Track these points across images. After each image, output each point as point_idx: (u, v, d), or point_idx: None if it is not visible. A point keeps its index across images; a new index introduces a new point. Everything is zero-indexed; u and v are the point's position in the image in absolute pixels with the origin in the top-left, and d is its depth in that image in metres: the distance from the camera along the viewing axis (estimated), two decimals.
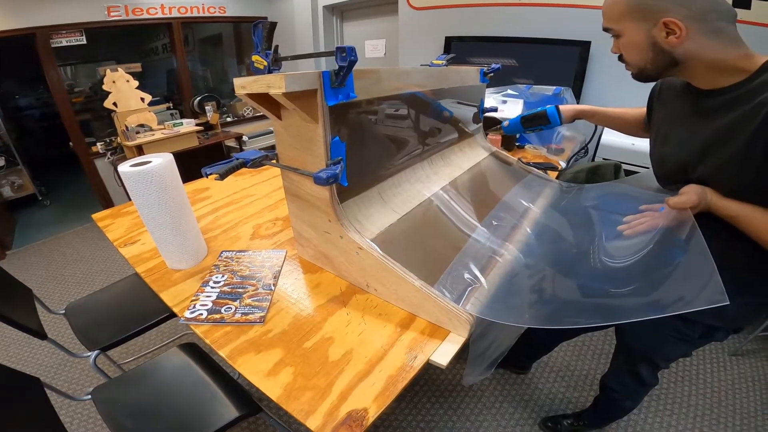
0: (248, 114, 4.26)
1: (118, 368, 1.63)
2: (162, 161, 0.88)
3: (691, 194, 0.73)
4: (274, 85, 0.61)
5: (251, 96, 0.69)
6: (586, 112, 1.22)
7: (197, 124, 3.39)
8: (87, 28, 2.97)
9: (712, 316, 0.57)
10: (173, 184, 0.91)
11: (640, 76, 0.79)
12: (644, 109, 1.06)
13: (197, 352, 1.15)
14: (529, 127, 1.28)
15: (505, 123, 1.36)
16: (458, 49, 2.86)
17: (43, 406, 0.95)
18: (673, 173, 0.83)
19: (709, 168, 0.73)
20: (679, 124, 0.82)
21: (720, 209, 0.72)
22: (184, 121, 3.35)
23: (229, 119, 4.18)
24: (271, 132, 3.88)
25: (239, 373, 0.68)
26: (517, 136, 1.88)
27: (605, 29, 0.79)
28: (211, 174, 0.70)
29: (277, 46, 0.76)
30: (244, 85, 0.66)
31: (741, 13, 2.07)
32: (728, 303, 0.55)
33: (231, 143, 3.87)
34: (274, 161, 0.82)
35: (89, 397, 1.04)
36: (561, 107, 1.24)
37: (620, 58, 0.81)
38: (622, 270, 0.81)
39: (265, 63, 0.73)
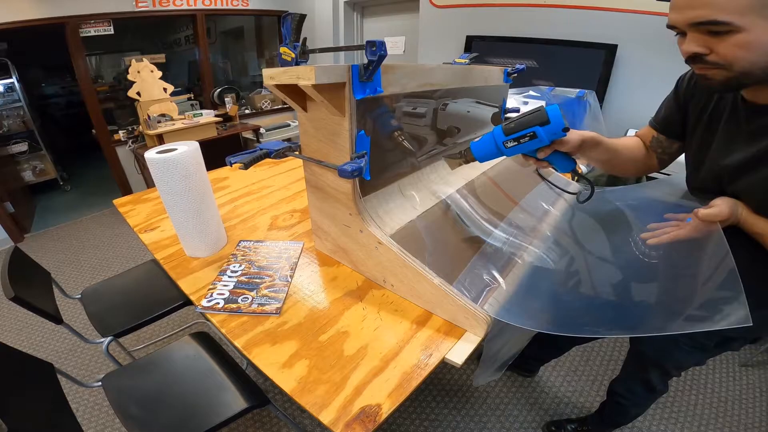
0: (266, 107, 4.29)
1: (128, 355, 1.65)
2: (188, 149, 0.89)
3: (722, 207, 0.70)
4: (304, 76, 0.61)
5: (279, 87, 0.69)
6: (593, 139, 0.88)
7: (216, 115, 3.43)
8: (115, 18, 3.02)
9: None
10: (198, 173, 0.92)
11: (735, 82, 0.64)
12: (638, 140, 0.99)
13: (208, 341, 1.15)
14: (516, 134, 0.78)
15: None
16: (479, 48, 2.84)
17: (55, 392, 0.96)
18: (708, 182, 0.80)
19: (746, 184, 0.71)
20: (723, 133, 0.77)
21: (749, 225, 0.70)
22: (204, 111, 3.39)
23: (247, 111, 4.21)
24: (288, 125, 3.94)
25: (247, 364, 0.68)
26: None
27: (705, 22, 0.60)
28: (235, 163, 0.70)
29: (305, 39, 0.76)
30: (273, 75, 0.67)
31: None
32: (751, 324, 0.53)
33: (248, 135, 3.91)
34: (297, 153, 0.82)
35: (99, 384, 1.05)
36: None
37: (696, 59, 0.65)
38: (645, 280, 0.79)
39: (293, 55, 0.73)
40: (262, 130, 3.77)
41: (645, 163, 0.99)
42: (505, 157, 1.08)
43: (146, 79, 2.97)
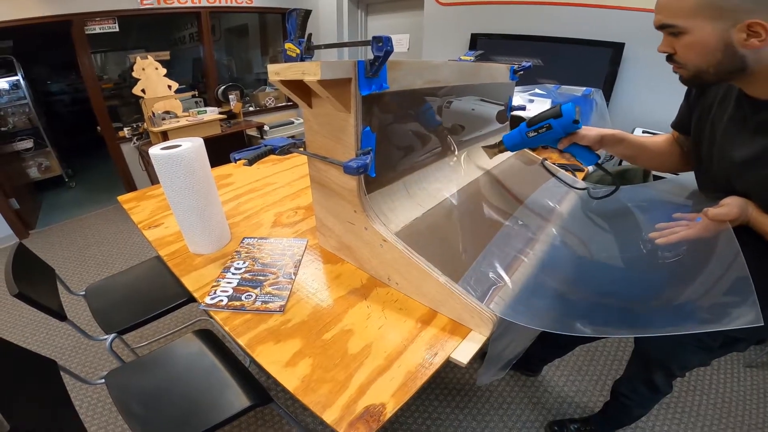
0: (270, 104, 4.29)
1: (131, 352, 1.65)
2: (192, 145, 0.88)
3: (732, 206, 0.70)
4: (309, 72, 0.60)
5: (284, 83, 0.68)
6: (614, 136, 0.98)
7: (220, 113, 3.44)
8: (120, 15, 3.03)
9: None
10: (202, 169, 0.91)
11: (696, 80, 0.70)
12: (671, 138, 1.00)
13: (211, 338, 1.15)
14: (535, 126, 0.95)
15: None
16: (483, 46, 2.83)
17: (58, 389, 0.96)
18: (717, 179, 0.79)
19: (753, 181, 0.70)
20: (727, 130, 0.77)
21: (759, 224, 0.70)
22: (208, 109, 3.40)
23: (251, 109, 4.22)
24: (292, 122, 3.94)
25: (250, 361, 0.67)
26: None
27: (662, 25, 0.68)
28: (239, 159, 0.70)
29: (310, 35, 0.75)
30: (278, 71, 0.66)
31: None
32: (762, 324, 0.52)
33: (252, 132, 3.91)
34: (302, 149, 0.81)
35: (103, 381, 1.05)
36: (583, 128, 0.97)
37: (669, 58, 0.72)
38: (654, 280, 0.78)
39: (298, 51, 0.73)
40: (266, 128, 3.78)
41: (679, 160, 1.00)
42: (511, 154, 1.18)
43: (151, 77, 2.98)
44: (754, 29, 0.59)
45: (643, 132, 1.90)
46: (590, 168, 1.60)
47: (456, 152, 1.13)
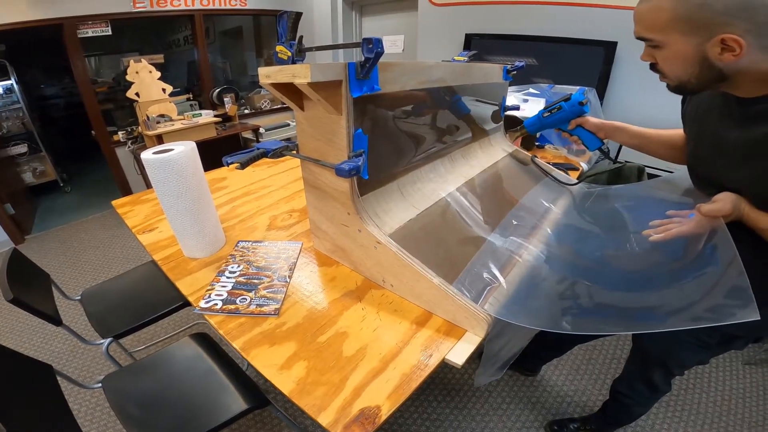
0: (265, 107, 4.28)
1: (129, 356, 1.64)
2: (184, 149, 0.88)
3: (725, 202, 0.70)
4: (299, 74, 0.60)
5: (275, 85, 0.68)
6: (613, 124, 1.09)
7: (215, 116, 3.42)
8: (112, 18, 3.01)
9: (733, 324, 0.55)
10: (195, 173, 0.91)
11: (680, 89, 0.73)
12: (681, 132, 1.00)
13: (208, 342, 1.15)
14: (549, 107, 1.15)
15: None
16: (478, 46, 2.83)
17: (54, 393, 0.96)
18: (709, 176, 0.80)
19: (745, 177, 0.70)
20: (716, 127, 0.77)
21: (752, 220, 0.70)
22: (203, 112, 3.39)
23: (246, 111, 4.21)
24: (288, 125, 3.94)
25: (248, 364, 0.67)
26: (537, 135, 1.84)
27: (640, 38, 0.71)
28: (232, 163, 0.70)
29: (301, 37, 0.75)
30: (268, 74, 0.66)
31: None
32: (759, 319, 0.53)
33: (248, 135, 3.90)
34: (294, 152, 0.81)
35: (100, 385, 1.04)
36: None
37: (653, 67, 0.74)
38: (650, 277, 0.79)
39: (289, 53, 0.72)
40: (261, 130, 3.77)
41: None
42: (508, 153, 1.22)
43: (145, 80, 2.96)
44: (728, 44, 0.59)
45: None
46: (584, 165, 1.61)
47: (451, 153, 1.13)
